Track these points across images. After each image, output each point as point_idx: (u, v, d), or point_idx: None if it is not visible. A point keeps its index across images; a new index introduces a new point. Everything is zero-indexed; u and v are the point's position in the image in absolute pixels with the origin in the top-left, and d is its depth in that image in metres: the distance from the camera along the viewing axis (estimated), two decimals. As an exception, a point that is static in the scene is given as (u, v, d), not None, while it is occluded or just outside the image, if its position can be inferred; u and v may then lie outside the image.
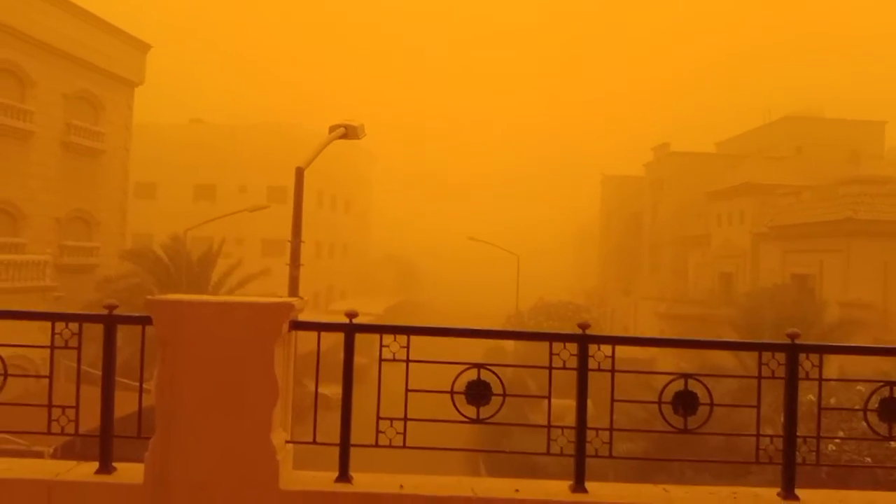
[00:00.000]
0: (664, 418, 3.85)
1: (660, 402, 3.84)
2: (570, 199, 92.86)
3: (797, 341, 3.79)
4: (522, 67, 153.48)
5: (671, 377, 3.93)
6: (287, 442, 3.82)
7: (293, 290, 9.76)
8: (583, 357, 3.83)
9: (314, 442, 3.98)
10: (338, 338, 4.08)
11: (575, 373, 3.88)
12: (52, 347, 3.89)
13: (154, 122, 45.74)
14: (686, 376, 3.89)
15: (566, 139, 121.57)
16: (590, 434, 3.92)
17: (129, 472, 3.82)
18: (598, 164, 74.80)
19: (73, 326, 3.88)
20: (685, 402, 3.80)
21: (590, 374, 3.89)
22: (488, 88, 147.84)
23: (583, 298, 53.96)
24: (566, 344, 3.87)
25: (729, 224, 38.89)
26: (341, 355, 4.02)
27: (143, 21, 47.02)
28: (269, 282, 28.01)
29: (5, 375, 3.93)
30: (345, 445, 3.87)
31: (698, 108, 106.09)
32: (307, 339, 4.13)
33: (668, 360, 29.50)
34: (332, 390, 4.00)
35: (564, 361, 3.86)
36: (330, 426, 4.07)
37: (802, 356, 3.80)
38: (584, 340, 3.84)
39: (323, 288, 52.81)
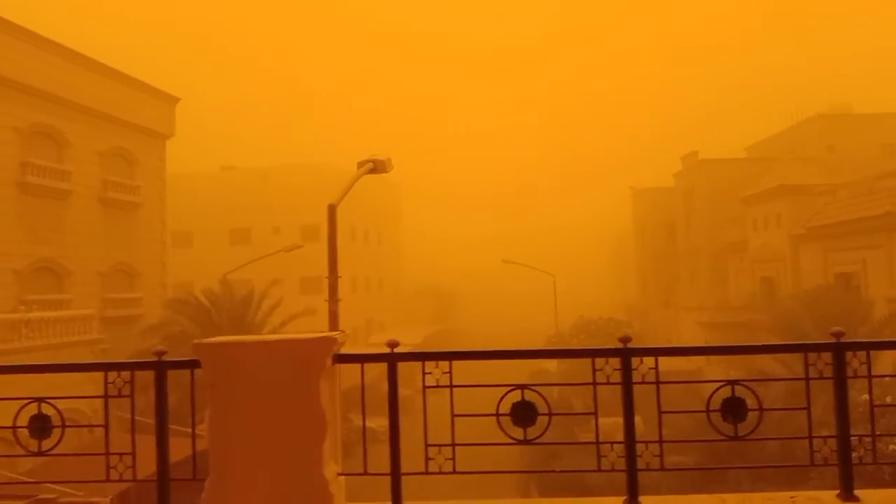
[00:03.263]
0: (713, 426, 3.81)
1: (708, 411, 3.82)
2: (601, 213, 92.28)
3: (842, 339, 3.74)
4: (539, 84, 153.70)
5: (718, 384, 3.91)
6: (339, 474, 3.86)
7: (333, 324, 9.85)
8: (626, 371, 3.83)
9: (365, 473, 4.02)
10: (379, 372, 4.13)
11: (619, 389, 3.87)
12: (106, 396, 4.01)
13: (186, 173, 46.80)
14: (733, 383, 3.85)
15: (590, 152, 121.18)
16: (640, 448, 3.89)
17: (188, 515, 3.89)
18: (625, 175, 74.43)
19: (125, 375, 4.00)
20: (733, 409, 3.76)
21: (635, 388, 3.88)
22: (510, 106, 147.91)
23: (623, 313, 53.34)
24: (609, 359, 3.87)
25: (765, 228, 38.29)
26: (384, 388, 4.07)
27: (169, 75, 48.38)
28: (311, 319, 28.25)
29: (63, 427, 4.05)
30: (395, 474, 3.90)
31: (723, 114, 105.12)
32: (348, 374, 4.19)
33: (716, 369, 28.98)
34: (378, 423, 4.07)
35: (608, 376, 3.86)
36: (378, 458, 4.10)
37: (850, 354, 3.75)
38: (626, 354, 3.84)
39: (361, 322, 53.04)
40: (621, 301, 66.54)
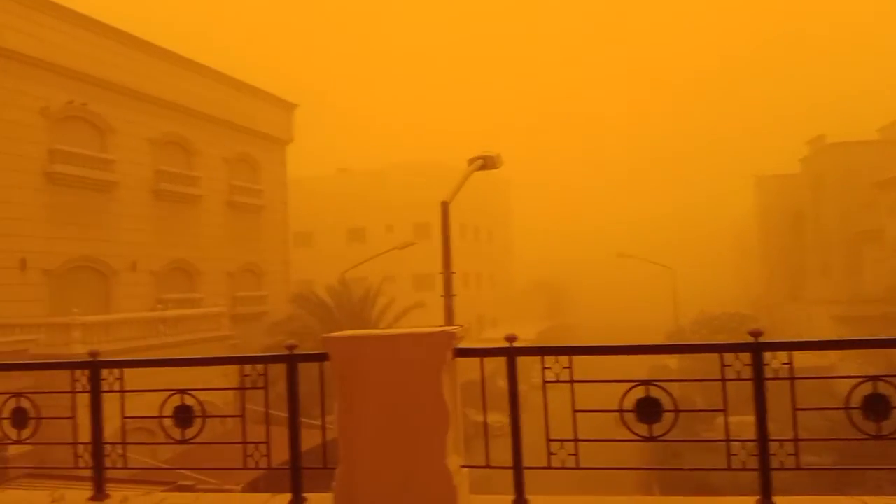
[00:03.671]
0: (854, 425, 3.60)
1: (847, 408, 3.60)
2: (723, 202, 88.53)
3: None
4: (651, 68, 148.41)
5: (857, 380, 3.68)
6: (462, 466, 3.92)
7: (448, 320, 9.97)
8: (758, 366, 3.67)
9: (487, 466, 4.05)
10: (493, 368, 4.15)
11: (746, 387, 3.72)
12: (243, 388, 4.25)
13: (305, 176, 48.66)
14: (874, 378, 3.62)
15: (707, 138, 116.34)
16: (772, 446, 3.73)
17: (319, 502, 4.06)
18: (744, 161, 71.02)
19: (259, 368, 4.23)
20: (875, 406, 3.53)
21: (767, 385, 3.71)
22: (620, 92, 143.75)
23: (748, 307, 50.98)
24: (738, 354, 3.72)
25: (905, 214, 35.58)
26: (498, 383, 4.10)
27: (286, 82, 50.37)
28: (423, 314, 28.74)
29: (204, 417, 4.33)
30: (518, 468, 3.92)
31: (848, 95, 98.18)
32: (462, 370, 4.23)
33: (851, 365, 27.23)
34: (494, 418, 4.10)
35: (738, 372, 3.71)
36: (497, 453, 4.13)
37: None
38: (757, 349, 3.68)
39: (473, 318, 53.37)
40: (744, 294, 63.67)
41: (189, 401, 4.34)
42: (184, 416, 4.31)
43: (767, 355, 3.67)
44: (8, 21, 21.34)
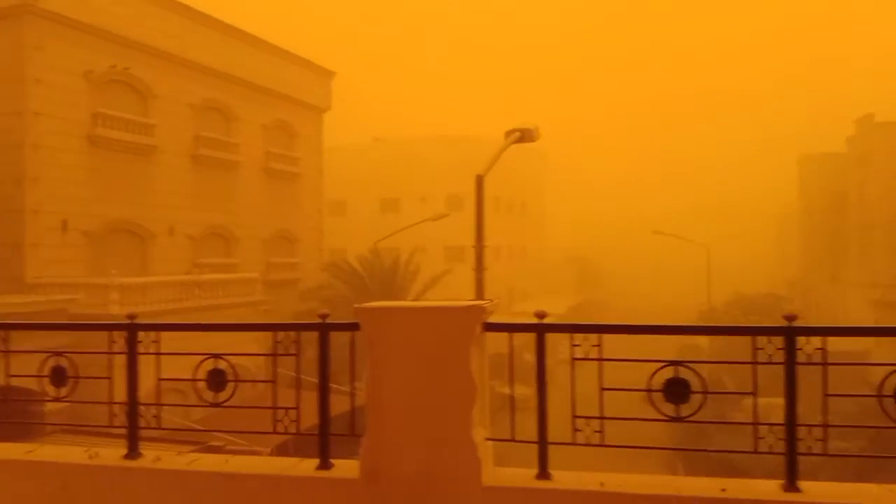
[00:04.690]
0: (885, 412, 3.54)
1: (880, 396, 3.55)
2: (764, 180, 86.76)
3: None
4: (707, 36, 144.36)
5: (892, 368, 3.61)
6: (487, 439, 3.96)
7: (479, 293, 10.00)
8: (790, 350, 3.63)
9: (512, 440, 4.09)
10: (521, 341, 4.16)
11: (777, 370, 3.69)
12: (275, 354, 4.33)
13: (340, 144, 48.79)
14: (909, 367, 3.55)
15: (756, 115, 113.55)
16: (800, 431, 3.70)
17: (346, 468, 4.15)
18: (792, 141, 69.43)
19: (292, 335, 4.30)
20: (911, 395, 3.47)
21: (798, 368, 3.68)
22: (669, 59, 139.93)
23: (784, 289, 50.24)
24: (771, 338, 3.69)
25: (953, 198, 34.54)
26: (524, 357, 4.11)
27: (323, 49, 50.35)
28: (452, 286, 28.86)
29: (236, 381, 4.42)
30: (543, 443, 3.94)
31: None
32: (490, 341, 4.25)
33: (887, 351, 26.73)
34: (518, 391, 4.14)
35: (770, 356, 3.68)
36: (521, 427, 4.17)
37: None
38: (790, 333, 3.64)
39: (504, 290, 53.41)
40: (782, 276, 62.71)
41: (222, 364, 4.43)
42: (217, 379, 4.41)
43: (801, 339, 3.63)
44: (52, -16, 21.60)
